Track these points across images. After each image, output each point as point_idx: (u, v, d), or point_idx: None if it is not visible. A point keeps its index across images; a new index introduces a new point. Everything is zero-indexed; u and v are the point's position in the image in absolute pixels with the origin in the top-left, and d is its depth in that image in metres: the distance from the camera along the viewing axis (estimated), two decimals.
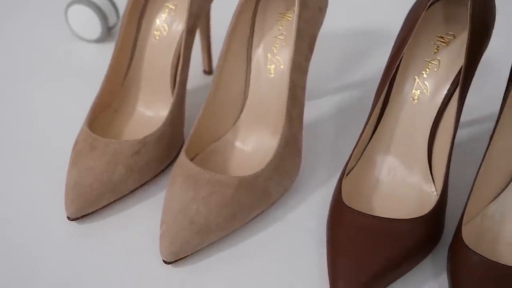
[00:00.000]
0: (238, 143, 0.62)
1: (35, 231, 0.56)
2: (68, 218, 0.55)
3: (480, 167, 0.53)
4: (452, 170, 0.56)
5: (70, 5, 0.77)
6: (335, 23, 0.75)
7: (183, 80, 0.62)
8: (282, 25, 0.63)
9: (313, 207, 0.59)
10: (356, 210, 0.52)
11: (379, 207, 0.56)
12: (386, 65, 0.59)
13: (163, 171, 0.61)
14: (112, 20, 0.79)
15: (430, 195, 0.57)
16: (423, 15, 0.57)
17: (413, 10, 0.60)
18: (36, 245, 0.55)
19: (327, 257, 0.51)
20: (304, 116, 0.60)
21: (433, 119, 0.58)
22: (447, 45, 0.59)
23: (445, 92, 0.59)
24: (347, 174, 0.57)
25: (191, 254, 0.53)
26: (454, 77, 0.58)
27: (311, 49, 0.60)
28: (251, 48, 0.63)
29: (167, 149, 0.60)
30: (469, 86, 0.57)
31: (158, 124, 0.61)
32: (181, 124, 0.62)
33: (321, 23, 0.62)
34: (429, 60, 0.60)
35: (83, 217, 0.56)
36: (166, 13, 0.67)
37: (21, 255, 0.54)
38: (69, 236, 0.56)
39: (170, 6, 0.67)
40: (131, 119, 0.64)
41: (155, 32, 0.66)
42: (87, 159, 0.57)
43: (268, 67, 0.63)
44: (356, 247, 0.51)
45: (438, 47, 0.59)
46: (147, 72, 0.66)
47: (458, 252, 0.50)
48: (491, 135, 0.54)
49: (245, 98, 0.63)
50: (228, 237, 0.55)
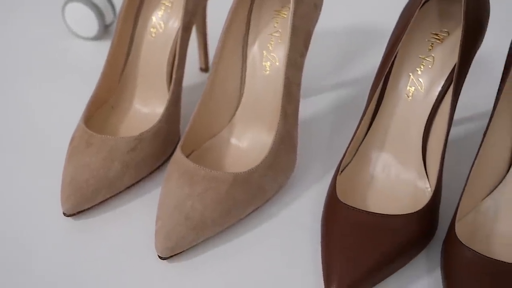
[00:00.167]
0: (233, 140, 0.62)
1: (31, 227, 0.56)
2: (64, 214, 0.56)
3: (473, 164, 0.54)
4: (446, 166, 0.56)
5: (67, 3, 0.77)
6: (331, 21, 0.75)
7: (179, 77, 0.63)
8: (277, 22, 0.63)
9: (308, 203, 0.59)
10: (351, 206, 0.52)
11: (374, 203, 0.56)
12: (381, 62, 0.60)
13: (159, 167, 0.61)
14: (109, 17, 0.79)
15: (425, 191, 0.57)
16: (417, 12, 0.57)
17: (407, 7, 0.60)
18: (32, 241, 0.55)
19: (322, 253, 0.52)
20: (299, 113, 0.60)
21: (428, 115, 0.58)
22: (442, 42, 0.59)
23: (439, 89, 0.59)
24: (342, 171, 0.57)
25: (187, 249, 0.53)
26: (448, 74, 0.59)
27: (306, 46, 0.60)
28: (247, 46, 0.63)
29: (163, 145, 0.60)
30: (463, 82, 0.57)
31: (155, 121, 0.61)
32: (177, 121, 0.62)
33: (317, 20, 0.62)
34: (423, 57, 0.60)
35: (79, 213, 0.56)
36: (162, 10, 0.67)
37: (16, 250, 0.54)
38: (65, 232, 0.56)
39: (166, 4, 0.67)
40: (128, 116, 0.65)
41: (151, 29, 0.67)
42: (83, 156, 0.57)
43: (264, 64, 0.63)
44: (350, 242, 0.51)
45: (432, 44, 0.60)
46: (143, 69, 0.66)
47: (452, 247, 0.50)
48: (484, 131, 0.55)
49: (240, 95, 0.63)
50: (223, 233, 0.55)
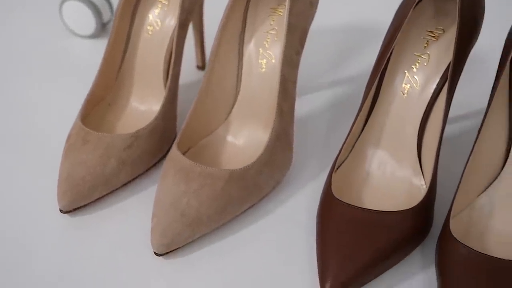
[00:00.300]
0: (230, 138, 0.62)
1: (27, 223, 0.56)
2: (61, 211, 0.56)
3: (468, 161, 0.54)
4: (442, 164, 0.57)
5: (64, 1, 0.77)
6: (327, 19, 0.76)
7: (175, 74, 0.63)
8: (273, 20, 0.63)
9: (304, 200, 0.59)
10: (346, 203, 0.52)
11: (369, 200, 0.56)
12: (376, 59, 0.60)
13: (155, 165, 0.61)
14: (106, 16, 0.79)
15: (420, 188, 0.57)
16: (413, 9, 0.57)
17: (403, 5, 0.60)
18: (28, 238, 0.55)
19: (317, 249, 0.52)
20: (295, 111, 0.60)
21: (423, 113, 0.59)
22: (437, 39, 0.60)
23: (434, 86, 0.59)
24: (338, 168, 0.57)
25: (182, 246, 0.53)
26: (443, 71, 0.59)
27: (302, 44, 0.61)
28: (243, 43, 0.64)
29: (159, 143, 0.60)
30: (457, 80, 0.57)
31: (151, 118, 0.61)
32: (173, 118, 0.63)
33: (312, 17, 0.62)
34: (419, 55, 0.60)
35: (75, 210, 0.56)
36: (159, 8, 0.67)
37: (13, 248, 0.55)
38: (61, 229, 0.56)
39: (163, 1, 0.67)
40: (124, 113, 0.65)
41: (148, 27, 0.67)
42: (79, 153, 0.57)
43: (260, 61, 0.63)
44: (346, 239, 0.51)
45: (428, 41, 0.60)
46: (140, 67, 0.66)
47: (446, 244, 0.50)
48: (479, 129, 0.55)
49: (236, 93, 0.64)
50: (219, 230, 0.56)
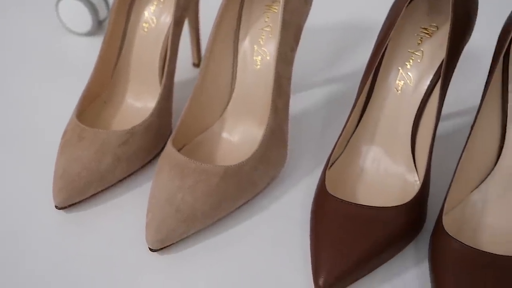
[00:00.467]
0: (225, 134, 0.63)
1: (23, 219, 0.57)
2: (56, 207, 0.56)
3: (461, 157, 0.54)
4: (435, 160, 0.57)
5: None
6: (322, 17, 0.76)
7: (170, 71, 0.63)
8: (268, 17, 0.64)
9: (298, 197, 0.59)
10: (339, 199, 0.53)
11: (363, 196, 0.57)
12: (371, 56, 0.60)
13: (150, 161, 0.61)
14: (102, 13, 0.79)
15: (414, 184, 0.57)
16: (406, 6, 0.57)
17: (397, 2, 0.60)
18: (24, 234, 0.55)
19: (311, 245, 0.52)
20: (290, 108, 0.61)
21: (417, 109, 0.59)
22: (431, 36, 0.60)
23: (428, 83, 0.59)
24: (332, 164, 0.57)
25: (177, 242, 0.54)
26: (437, 68, 0.59)
27: (296, 40, 0.61)
28: (238, 40, 0.64)
29: (154, 139, 0.61)
30: (451, 76, 0.57)
31: (147, 115, 0.61)
32: (168, 115, 0.63)
33: (307, 14, 0.62)
34: (412, 51, 0.60)
35: (70, 206, 0.57)
36: (154, 5, 0.67)
37: (8, 243, 0.55)
38: (57, 225, 0.56)
39: None
40: (120, 110, 0.65)
41: (144, 24, 0.67)
42: (75, 149, 0.57)
43: (255, 58, 0.63)
44: (339, 235, 0.51)
45: (421, 38, 0.60)
46: (136, 64, 0.66)
47: (439, 239, 0.50)
48: (472, 124, 0.55)
49: (231, 90, 0.64)
50: (214, 226, 0.56)
